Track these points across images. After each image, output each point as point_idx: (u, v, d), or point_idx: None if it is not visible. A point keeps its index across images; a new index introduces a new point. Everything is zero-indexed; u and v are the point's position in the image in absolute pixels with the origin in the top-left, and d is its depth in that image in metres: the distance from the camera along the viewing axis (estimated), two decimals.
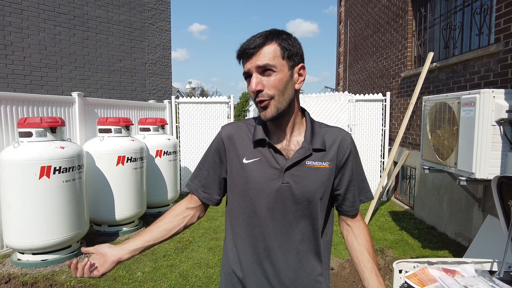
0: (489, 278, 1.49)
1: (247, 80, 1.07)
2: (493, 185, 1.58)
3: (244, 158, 1.11)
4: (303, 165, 1.08)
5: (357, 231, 1.19)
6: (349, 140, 1.15)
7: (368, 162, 6.33)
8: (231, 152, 1.13)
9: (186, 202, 1.23)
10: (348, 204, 1.17)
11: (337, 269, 3.41)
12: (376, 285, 1.08)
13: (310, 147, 1.09)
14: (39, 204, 3.35)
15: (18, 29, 6.27)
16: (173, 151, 5.38)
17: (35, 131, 3.43)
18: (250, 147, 1.12)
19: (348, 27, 9.46)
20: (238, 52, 1.06)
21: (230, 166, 1.14)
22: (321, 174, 1.09)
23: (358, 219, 1.21)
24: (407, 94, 5.62)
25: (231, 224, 1.18)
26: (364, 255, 1.14)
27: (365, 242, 1.16)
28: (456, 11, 4.48)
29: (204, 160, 1.21)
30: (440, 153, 3.40)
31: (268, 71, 1.02)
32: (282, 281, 1.10)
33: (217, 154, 1.17)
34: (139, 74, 8.59)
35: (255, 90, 1.02)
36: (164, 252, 3.87)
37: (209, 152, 1.20)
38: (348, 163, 1.14)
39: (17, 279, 3.23)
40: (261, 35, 1.04)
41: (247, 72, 1.05)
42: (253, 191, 1.09)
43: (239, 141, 1.14)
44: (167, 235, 1.20)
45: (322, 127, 1.16)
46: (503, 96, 2.79)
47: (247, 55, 1.03)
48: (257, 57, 1.02)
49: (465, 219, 3.99)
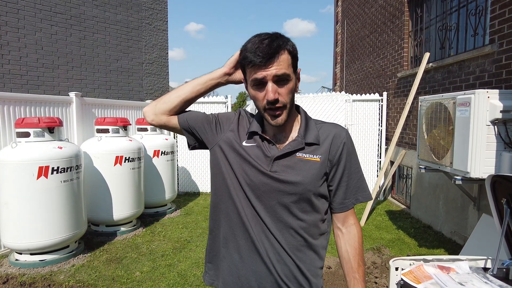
0: (483, 275, 1.52)
1: (256, 86, 1.05)
2: (487, 183, 1.61)
3: (244, 141, 1.15)
4: (293, 156, 1.10)
5: (346, 236, 1.16)
6: (343, 135, 1.14)
7: (365, 161, 6.37)
8: (227, 130, 1.18)
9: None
10: (337, 201, 1.15)
11: (334, 268, 3.44)
12: None
13: (303, 141, 1.11)
14: (37, 204, 3.35)
15: (14, 29, 6.24)
16: (170, 151, 5.39)
17: (33, 131, 3.43)
18: (245, 136, 1.16)
19: (345, 27, 9.51)
20: (249, 58, 1.02)
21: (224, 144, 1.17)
22: (311, 166, 1.10)
23: (351, 223, 1.17)
24: (403, 94, 5.66)
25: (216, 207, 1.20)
26: (348, 264, 1.15)
27: (352, 250, 1.15)
28: (451, 12, 4.52)
29: (203, 114, 1.25)
30: (436, 153, 3.44)
31: (282, 81, 1.03)
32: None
33: (219, 122, 1.21)
34: (136, 74, 8.58)
35: (273, 99, 1.02)
36: (162, 252, 3.88)
37: (219, 113, 1.25)
38: (342, 158, 1.13)
39: (15, 279, 3.23)
40: (272, 40, 1.02)
41: (261, 79, 1.03)
42: (241, 174, 1.11)
43: (241, 127, 1.19)
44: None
45: (317, 123, 1.18)
46: (498, 97, 2.83)
47: (261, 63, 1.00)
48: (275, 66, 1.00)
49: (461, 218, 4.04)
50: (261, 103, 1.05)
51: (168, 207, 5.52)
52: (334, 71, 10.90)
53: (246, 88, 1.14)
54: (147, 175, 5.01)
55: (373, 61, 7.19)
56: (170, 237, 4.38)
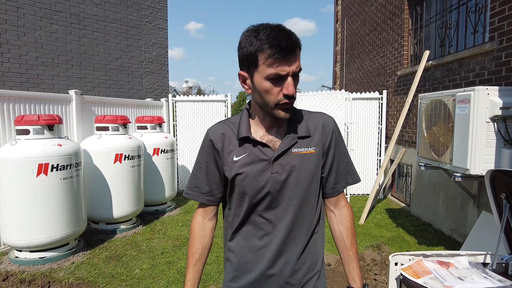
0: (482, 270, 1.52)
1: (272, 80, 1.01)
2: (486, 178, 1.61)
3: (234, 156, 1.13)
4: (289, 153, 1.11)
5: (339, 217, 1.22)
6: (331, 123, 1.18)
7: (364, 160, 6.37)
8: (223, 151, 1.15)
9: (202, 216, 1.25)
10: (329, 187, 1.20)
11: (334, 265, 3.44)
12: (350, 272, 1.18)
13: (294, 135, 1.12)
14: (36, 201, 3.35)
15: (14, 27, 6.24)
16: (170, 149, 5.39)
17: (33, 128, 3.43)
18: (237, 145, 1.13)
19: (345, 26, 9.50)
20: (275, 50, 0.97)
21: (225, 163, 1.15)
22: (308, 160, 1.12)
23: (342, 205, 1.23)
24: (403, 92, 5.66)
25: (230, 220, 1.21)
26: (342, 243, 1.20)
27: (345, 230, 1.20)
28: (451, 10, 4.52)
29: (199, 167, 1.21)
30: (436, 150, 3.44)
31: (297, 75, 1.04)
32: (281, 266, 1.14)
33: (212, 157, 1.17)
34: (136, 73, 8.57)
35: (293, 94, 1.02)
36: (161, 250, 3.89)
37: (202, 157, 1.20)
38: (331, 145, 1.17)
39: (15, 276, 3.23)
40: (290, 34, 1.00)
41: (284, 75, 1.00)
42: (247, 186, 1.11)
43: (227, 140, 1.15)
44: (207, 253, 1.26)
45: (305, 114, 1.18)
46: (497, 93, 2.83)
47: (284, 56, 0.99)
48: (297, 62, 1.01)
49: (461, 215, 4.04)
50: (275, 97, 1.03)
51: (167, 205, 5.52)
52: (334, 69, 10.89)
53: (244, 82, 1.10)
54: (147, 173, 5.01)
55: (373, 59, 7.18)
56: (169, 235, 4.38)
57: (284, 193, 1.11)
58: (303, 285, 1.16)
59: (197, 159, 1.22)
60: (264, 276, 1.14)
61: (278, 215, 1.12)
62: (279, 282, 1.14)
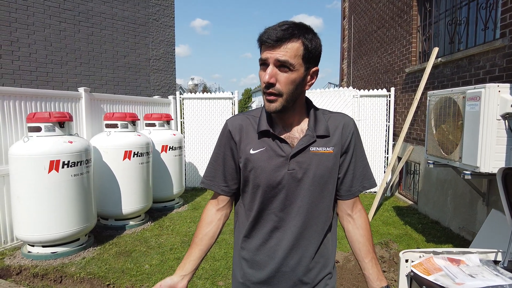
0: (493, 267, 1.52)
1: (262, 66, 1.06)
2: (498, 176, 1.61)
3: (251, 149, 1.13)
4: (307, 151, 1.10)
5: (358, 221, 1.20)
6: (351, 124, 1.17)
7: (372, 157, 6.34)
8: (241, 143, 1.15)
9: (213, 205, 1.24)
10: (344, 189, 1.18)
11: (342, 262, 3.45)
12: (375, 273, 1.14)
13: (314, 134, 1.11)
14: (48, 197, 3.41)
15: (24, 25, 6.31)
16: (178, 146, 5.43)
17: (44, 125, 3.48)
18: (256, 138, 1.13)
19: (352, 23, 9.44)
20: (261, 36, 1.03)
21: (242, 156, 1.15)
22: (325, 159, 1.12)
23: (359, 208, 1.21)
24: (411, 90, 5.62)
25: (241, 215, 1.21)
26: (365, 246, 1.17)
27: (366, 233, 1.18)
28: (461, 6, 4.47)
29: (216, 156, 1.21)
30: (445, 148, 3.42)
31: (285, 68, 1.02)
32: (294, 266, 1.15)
33: (229, 148, 1.17)
34: (143, 70, 8.62)
35: (267, 81, 1.02)
36: (170, 246, 3.93)
37: (220, 147, 1.20)
38: (350, 147, 1.16)
39: (28, 270, 3.30)
40: (289, 27, 1.01)
41: (264, 60, 1.03)
42: (262, 181, 1.11)
43: (245, 133, 1.15)
44: (212, 243, 1.23)
45: (325, 114, 1.18)
46: (508, 91, 2.81)
47: (269, 44, 1.01)
48: (279, 50, 1.00)
49: (469, 213, 4.02)
50: (261, 85, 1.06)
51: (176, 202, 5.57)
52: (341, 67, 10.83)
53: None
54: (155, 170, 5.06)
55: (381, 56, 7.13)
56: (178, 231, 4.42)
57: (299, 191, 1.11)
58: (316, 284, 1.17)
59: (214, 149, 1.23)
60: (277, 273, 1.14)
61: (291, 213, 1.12)
62: (292, 280, 1.15)
